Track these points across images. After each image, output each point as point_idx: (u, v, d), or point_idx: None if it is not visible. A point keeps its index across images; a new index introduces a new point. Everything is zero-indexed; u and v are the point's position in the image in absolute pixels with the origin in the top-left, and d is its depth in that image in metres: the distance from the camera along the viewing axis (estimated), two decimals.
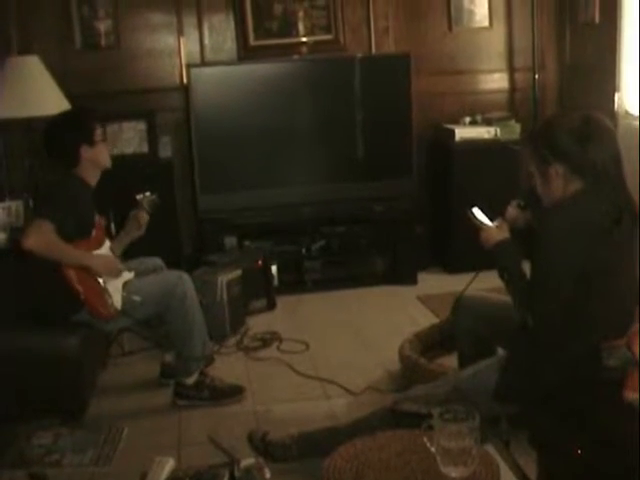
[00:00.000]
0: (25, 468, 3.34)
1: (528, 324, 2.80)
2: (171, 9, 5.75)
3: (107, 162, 3.93)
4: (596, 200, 2.72)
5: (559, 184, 2.76)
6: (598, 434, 2.47)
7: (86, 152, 3.83)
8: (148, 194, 4.08)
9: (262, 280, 5.34)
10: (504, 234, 2.96)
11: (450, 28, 6.00)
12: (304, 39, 5.85)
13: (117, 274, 3.84)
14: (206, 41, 5.81)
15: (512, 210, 3.15)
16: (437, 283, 5.65)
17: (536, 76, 5.76)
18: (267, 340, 4.78)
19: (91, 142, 3.84)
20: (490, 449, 2.31)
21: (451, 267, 5.78)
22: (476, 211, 3.08)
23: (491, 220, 3.06)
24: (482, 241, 2.99)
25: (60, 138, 3.85)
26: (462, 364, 3.35)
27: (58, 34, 5.60)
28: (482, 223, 3.04)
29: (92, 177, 3.90)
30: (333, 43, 5.89)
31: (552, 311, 2.72)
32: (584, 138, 2.71)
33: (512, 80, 6.13)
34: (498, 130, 5.76)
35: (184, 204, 5.79)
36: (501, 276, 2.89)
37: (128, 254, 4.12)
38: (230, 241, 5.62)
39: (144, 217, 4.05)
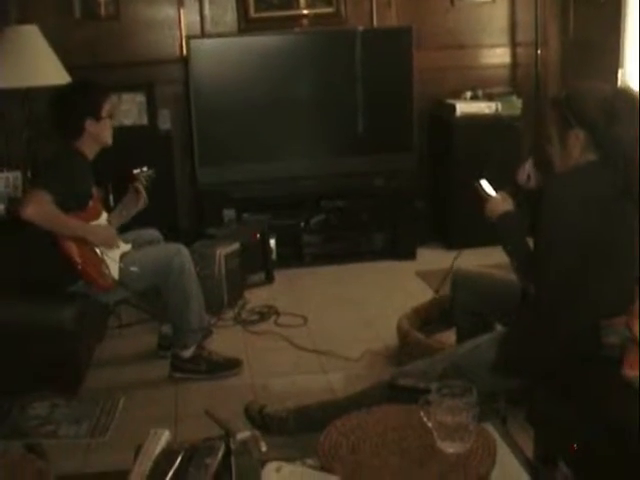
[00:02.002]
0: (20, 439, 3.34)
1: (529, 295, 2.79)
2: None
3: (108, 140, 3.91)
4: (606, 174, 2.70)
5: (576, 150, 2.74)
6: (595, 411, 2.46)
7: (90, 125, 3.81)
8: (145, 169, 4.06)
9: (260, 254, 5.32)
10: (509, 206, 2.95)
11: (453, 2, 5.95)
12: (305, 11, 5.80)
13: (114, 245, 3.83)
14: (206, 12, 5.76)
15: (528, 167, 3.12)
16: (436, 258, 5.63)
17: (538, 51, 5.74)
18: (265, 314, 4.78)
19: (97, 116, 3.82)
20: (487, 425, 2.30)
21: (450, 242, 5.77)
22: (483, 183, 3.07)
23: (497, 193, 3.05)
24: (487, 212, 2.98)
25: (67, 107, 3.83)
26: (460, 339, 3.35)
27: (57, 3, 5.56)
28: (488, 195, 3.03)
29: (90, 151, 3.88)
30: (334, 16, 5.84)
31: (554, 282, 2.71)
32: (612, 112, 2.68)
33: (514, 55, 6.09)
34: (499, 105, 5.72)
35: (183, 176, 5.78)
36: (505, 247, 2.88)
37: (126, 226, 4.11)
38: (229, 214, 5.60)
39: (142, 192, 4.03)
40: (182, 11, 5.73)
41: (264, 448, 2.21)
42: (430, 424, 2.16)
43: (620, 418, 2.38)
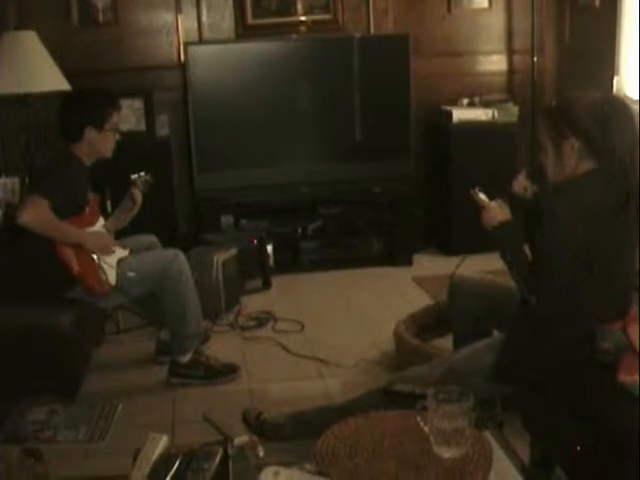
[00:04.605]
0: (19, 444, 3.33)
1: (531, 304, 2.78)
2: None
3: (107, 152, 3.91)
4: (604, 183, 2.71)
5: (571, 160, 2.75)
6: (591, 417, 2.47)
7: (90, 134, 3.80)
8: (143, 174, 4.07)
9: (258, 259, 5.34)
10: (506, 214, 2.93)
11: (449, 9, 5.97)
12: (302, 18, 5.82)
13: (110, 252, 3.83)
14: (204, 19, 5.78)
15: (522, 178, 3.11)
16: (433, 265, 5.66)
17: (535, 59, 5.75)
18: (262, 320, 4.78)
19: (99, 127, 3.82)
20: (484, 431, 2.31)
21: (447, 249, 5.79)
22: (479, 191, 3.06)
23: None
24: (484, 220, 2.95)
25: (71, 110, 3.85)
26: (457, 345, 3.36)
27: (55, 10, 5.57)
28: (485, 203, 3.02)
29: (87, 158, 3.87)
30: (331, 23, 5.87)
31: (555, 291, 2.71)
32: (605, 119, 2.69)
33: (511, 62, 6.11)
34: (496, 112, 5.75)
35: (181, 182, 5.78)
36: (503, 256, 2.87)
37: (124, 231, 4.11)
38: (226, 220, 5.61)
39: (139, 196, 4.04)
40: (180, 17, 5.74)
41: (261, 453, 2.22)
42: (427, 429, 2.17)
43: (615, 423, 2.39)
